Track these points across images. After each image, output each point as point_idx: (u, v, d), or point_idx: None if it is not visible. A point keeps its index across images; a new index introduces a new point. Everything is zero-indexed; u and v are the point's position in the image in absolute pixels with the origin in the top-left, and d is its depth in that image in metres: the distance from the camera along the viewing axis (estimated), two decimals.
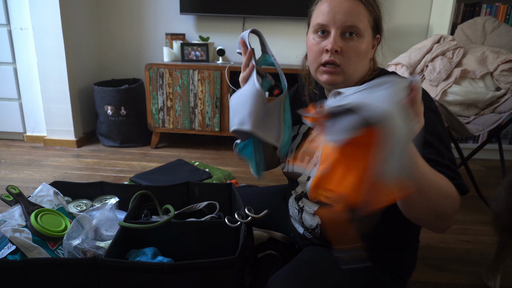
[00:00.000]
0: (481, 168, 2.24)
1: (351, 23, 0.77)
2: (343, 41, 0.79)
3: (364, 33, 0.80)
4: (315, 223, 0.91)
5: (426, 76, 1.62)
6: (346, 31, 0.79)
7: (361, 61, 0.82)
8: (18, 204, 0.99)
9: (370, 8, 0.80)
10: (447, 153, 0.74)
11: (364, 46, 0.80)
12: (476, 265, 1.23)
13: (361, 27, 0.78)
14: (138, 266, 0.77)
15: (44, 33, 2.21)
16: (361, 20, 0.78)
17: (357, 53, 0.79)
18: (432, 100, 0.81)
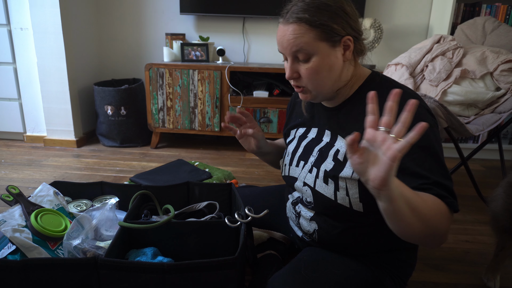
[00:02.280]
0: (481, 168, 2.24)
1: (296, 48, 0.77)
2: (299, 65, 0.79)
3: (315, 51, 0.76)
4: (312, 228, 0.91)
5: (426, 76, 1.62)
6: (297, 56, 0.78)
7: (325, 76, 0.78)
8: (18, 204, 0.99)
9: (314, 23, 0.75)
10: (440, 169, 0.72)
11: (322, 62, 0.77)
12: (476, 265, 1.23)
13: (309, 48, 0.76)
14: (138, 266, 0.77)
15: (44, 33, 2.21)
16: (306, 40, 0.75)
17: (314, 73, 0.78)
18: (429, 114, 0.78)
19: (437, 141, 0.75)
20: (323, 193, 0.84)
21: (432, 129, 0.74)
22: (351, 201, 0.81)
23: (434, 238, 0.68)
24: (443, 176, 0.71)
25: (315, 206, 0.88)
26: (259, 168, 2.11)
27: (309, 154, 0.89)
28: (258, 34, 2.55)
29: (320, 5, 0.75)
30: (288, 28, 0.77)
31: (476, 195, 1.72)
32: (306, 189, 0.89)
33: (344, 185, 0.80)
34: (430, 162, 0.72)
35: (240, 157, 2.31)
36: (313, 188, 0.86)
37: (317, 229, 0.90)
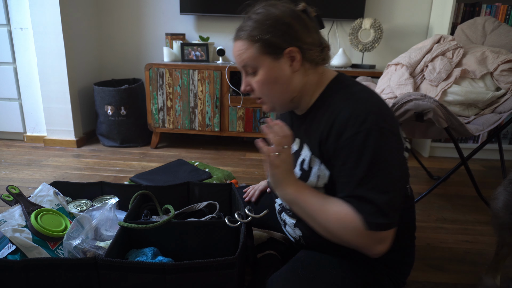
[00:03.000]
0: (481, 168, 2.24)
1: (242, 64, 0.82)
2: (250, 78, 0.83)
3: (259, 65, 0.79)
4: (297, 235, 0.92)
5: (426, 76, 1.62)
6: (246, 70, 0.83)
7: (273, 87, 0.81)
8: (18, 204, 0.99)
9: (253, 38, 0.78)
10: (373, 182, 0.69)
11: (267, 75, 0.80)
12: (476, 265, 1.23)
13: (252, 63, 0.80)
14: (138, 266, 0.77)
15: (44, 33, 2.21)
16: (249, 55, 0.79)
17: (262, 85, 0.81)
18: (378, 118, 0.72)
19: (378, 149, 0.70)
20: None
21: (375, 136, 0.70)
22: None
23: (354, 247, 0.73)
24: (374, 190, 0.69)
25: (292, 214, 0.91)
26: (259, 168, 2.11)
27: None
28: None
29: (259, 21, 0.78)
30: (235, 45, 0.83)
31: (476, 195, 1.72)
32: None
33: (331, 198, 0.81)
34: (361, 174, 0.70)
35: (240, 157, 2.31)
36: None
37: (302, 235, 0.91)
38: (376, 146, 0.70)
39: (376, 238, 0.70)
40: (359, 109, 0.72)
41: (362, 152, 0.70)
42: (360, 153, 0.70)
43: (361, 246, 0.72)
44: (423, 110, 1.32)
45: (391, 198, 0.69)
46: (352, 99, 0.75)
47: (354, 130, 0.71)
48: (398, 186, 0.72)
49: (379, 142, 0.70)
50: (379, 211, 0.69)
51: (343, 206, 0.72)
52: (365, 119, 0.71)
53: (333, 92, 0.80)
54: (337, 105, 0.76)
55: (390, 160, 0.71)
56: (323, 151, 0.78)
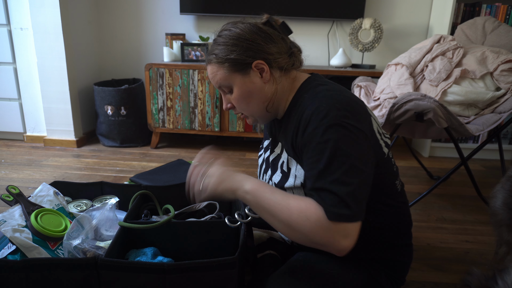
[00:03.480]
0: (481, 168, 2.24)
1: (217, 85, 0.86)
2: (229, 97, 0.87)
3: (231, 83, 0.83)
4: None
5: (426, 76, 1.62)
6: (223, 90, 0.87)
7: (250, 101, 0.85)
8: (18, 204, 0.99)
9: (220, 60, 0.82)
10: (333, 174, 0.69)
11: (241, 91, 0.83)
12: (476, 265, 1.23)
13: (225, 82, 0.84)
14: (138, 266, 0.77)
15: (44, 33, 2.21)
16: (219, 77, 0.83)
17: (240, 101, 0.85)
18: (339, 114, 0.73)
19: (342, 143, 0.71)
20: None
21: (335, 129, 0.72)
22: None
23: (316, 245, 0.71)
24: (335, 182, 0.69)
25: None
26: None
27: (268, 167, 0.94)
28: None
29: (223, 43, 0.82)
30: (208, 69, 0.87)
31: (476, 195, 1.72)
32: None
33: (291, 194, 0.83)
34: (322, 166, 0.71)
35: (240, 157, 2.31)
36: None
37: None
38: (336, 139, 0.71)
39: (339, 231, 0.68)
40: (322, 105, 0.74)
41: (323, 145, 0.71)
42: (321, 147, 0.72)
43: (324, 240, 0.69)
44: (423, 110, 1.32)
45: (353, 190, 0.69)
46: (317, 96, 0.78)
47: (315, 124, 0.73)
48: (362, 180, 0.71)
49: (339, 136, 0.71)
50: (341, 201, 0.68)
51: (305, 199, 0.71)
52: (327, 114, 0.73)
53: (302, 93, 0.83)
54: (304, 104, 0.79)
55: (351, 154, 0.71)
56: (296, 150, 0.81)
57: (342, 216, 0.67)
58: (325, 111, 0.73)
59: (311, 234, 0.69)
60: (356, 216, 0.69)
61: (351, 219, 0.68)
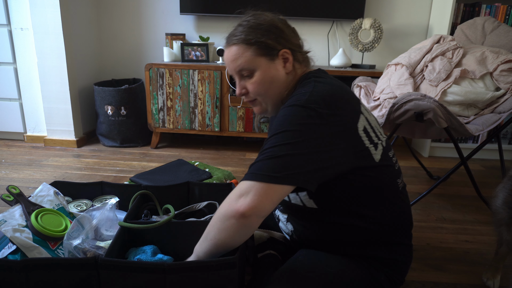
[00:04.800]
0: (481, 168, 2.24)
1: (238, 68, 0.85)
2: (245, 82, 0.86)
3: (255, 67, 0.84)
4: (289, 230, 0.95)
5: (426, 76, 1.63)
6: (241, 74, 0.86)
7: (269, 87, 0.85)
8: (18, 204, 1.00)
9: (249, 42, 0.83)
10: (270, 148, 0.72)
11: (264, 76, 0.84)
12: (475, 265, 1.23)
13: (249, 65, 0.84)
14: (138, 266, 0.78)
15: (44, 33, 2.21)
16: (245, 59, 0.83)
17: (260, 86, 0.85)
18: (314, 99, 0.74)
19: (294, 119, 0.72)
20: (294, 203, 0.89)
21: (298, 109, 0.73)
22: (302, 199, 0.85)
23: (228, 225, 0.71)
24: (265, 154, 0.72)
25: (283, 208, 0.94)
26: None
27: None
28: None
29: (253, 25, 0.84)
30: (230, 50, 0.86)
31: (476, 195, 1.72)
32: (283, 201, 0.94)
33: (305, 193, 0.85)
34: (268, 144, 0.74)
35: (240, 157, 2.31)
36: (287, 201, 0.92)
37: (293, 230, 0.94)
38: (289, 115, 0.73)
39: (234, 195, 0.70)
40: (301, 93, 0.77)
41: (278, 120, 0.74)
42: (276, 122, 0.75)
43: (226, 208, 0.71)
44: (423, 110, 1.32)
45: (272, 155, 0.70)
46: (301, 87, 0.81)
47: (284, 107, 0.77)
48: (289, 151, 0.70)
49: (294, 112, 0.73)
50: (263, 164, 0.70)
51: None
52: (298, 98, 0.75)
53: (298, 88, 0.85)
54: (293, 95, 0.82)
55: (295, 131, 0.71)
56: None
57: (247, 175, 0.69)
58: (298, 96, 0.76)
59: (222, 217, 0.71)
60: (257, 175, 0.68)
61: (250, 178, 0.68)
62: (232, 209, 0.69)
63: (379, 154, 0.82)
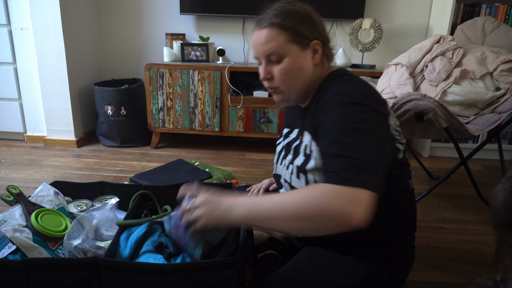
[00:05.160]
0: (481, 168, 2.24)
1: (268, 51, 0.83)
2: (272, 67, 0.85)
3: (287, 53, 0.82)
4: None
5: (426, 76, 1.63)
6: (270, 58, 0.84)
7: (296, 76, 0.84)
8: (18, 204, 1.00)
9: (285, 27, 0.81)
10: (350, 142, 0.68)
11: (293, 63, 0.83)
12: (475, 265, 1.23)
13: (280, 50, 0.82)
14: (138, 266, 0.78)
15: (44, 33, 2.21)
16: (278, 43, 0.82)
17: (287, 73, 0.83)
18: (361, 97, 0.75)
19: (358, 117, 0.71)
20: (296, 187, 0.88)
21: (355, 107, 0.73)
22: None
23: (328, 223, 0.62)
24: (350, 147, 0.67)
25: None
26: (259, 168, 2.11)
27: (288, 153, 0.93)
28: None
29: (289, 12, 0.83)
30: (261, 32, 0.84)
31: (476, 195, 1.72)
32: (286, 185, 0.93)
33: (313, 178, 0.83)
34: (337, 137, 0.70)
35: (240, 157, 2.31)
36: (289, 184, 0.90)
37: None
38: (357, 113, 0.72)
39: (348, 197, 0.61)
40: (346, 88, 0.77)
41: (341, 118, 0.72)
42: (339, 119, 0.72)
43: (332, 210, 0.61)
44: (423, 110, 1.32)
45: (370, 159, 0.66)
46: (343, 83, 0.80)
47: (336, 101, 0.75)
48: (380, 154, 0.69)
49: (360, 111, 0.73)
50: (355, 166, 0.64)
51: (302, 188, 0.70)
52: (349, 95, 0.75)
53: (330, 81, 0.85)
54: (328, 89, 0.82)
55: (371, 130, 0.70)
56: (317, 131, 0.82)
57: (352, 180, 0.62)
58: (348, 93, 0.76)
59: (318, 210, 0.62)
60: (368, 184, 0.63)
61: (361, 185, 0.62)
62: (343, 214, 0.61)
63: (402, 152, 0.85)
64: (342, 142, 0.69)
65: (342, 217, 0.61)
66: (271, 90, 0.89)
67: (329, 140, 0.72)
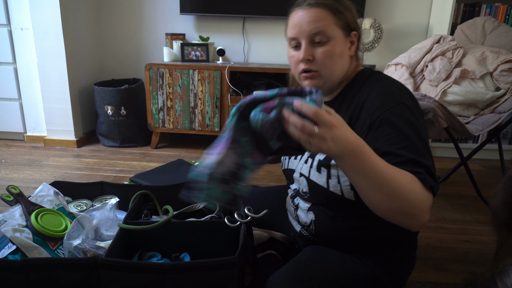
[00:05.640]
0: (481, 168, 2.24)
1: (316, 30, 0.81)
2: (314, 48, 0.83)
3: (333, 36, 0.82)
4: (309, 219, 0.93)
5: (426, 76, 1.63)
6: (314, 39, 0.82)
7: (337, 62, 0.84)
8: (18, 204, 1.00)
9: (335, 10, 0.82)
10: (416, 148, 0.72)
11: (337, 48, 0.82)
12: (475, 265, 1.23)
13: (328, 31, 0.81)
14: (138, 266, 0.78)
15: (44, 33, 2.21)
16: (327, 24, 0.81)
17: (329, 56, 0.82)
18: (410, 98, 0.80)
19: (417, 121, 0.75)
20: (316, 181, 0.87)
21: (411, 110, 0.76)
22: (342, 189, 0.83)
23: (406, 216, 0.67)
24: (420, 155, 0.71)
25: (310, 196, 0.91)
26: None
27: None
28: (258, 34, 2.55)
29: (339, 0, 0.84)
30: (310, 11, 0.82)
31: (476, 195, 1.72)
32: (302, 180, 0.92)
33: (336, 173, 0.83)
34: (405, 141, 0.72)
35: None
36: (307, 178, 0.89)
37: (314, 220, 0.91)
38: (411, 117, 0.75)
39: (429, 202, 0.68)
40: (393, 89, 0.79)
41: (403, 123, 0.74)
42: (400, 124, 0.74)
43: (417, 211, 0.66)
44: (423, 110, 1.33)
45: (433, 165, 0.72)
46: (384, 81, 0.81)
47: (391, 104, 0.76)
48: (432, 157, 0.75)
49: (413, 115, 0.75)
50: (431, 174, 0.70)
51: (404, 171, 0.68)
52: (400, 95, 0.77)
53: (360, 81, 0.86)
54: (366, 88, 0.82)
55: (423, 133, 0.75)
56: (354, 130, 0.78)
57: (433, 188, 0.69)
58: (397, 94, 0.77)
59: (412, 205, 0.66)
60: (437, 190, 0.71)
61: (436, 192, 0.70)
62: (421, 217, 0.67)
63: None
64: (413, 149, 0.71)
65: (418, 219, 0.67)
66: (307, 74, 0.84)
67: (397, 145, 0.72)
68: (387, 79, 0.84)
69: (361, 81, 0.86)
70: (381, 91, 0.79)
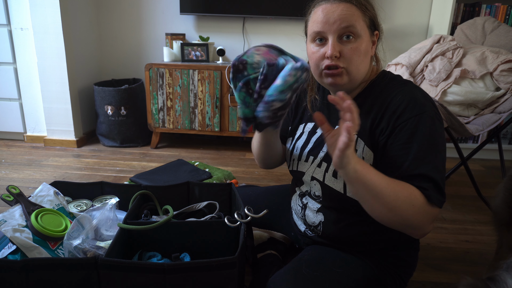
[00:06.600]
0: (481, 168, 2.24)
1: (347, 24, 0.78)
2: (342, 45, 0.80)
3: (361, 33, 0.80)
4: (318, 220, 0.92)
5: (426, 76, 1.63)
6: (343, 34, 0.80)
7: (363, 60, 0.82)
8: (18, 204, 1.00)
9: (363, 7, 0.81)
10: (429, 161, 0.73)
11: (364, 45, 0.81)
12: (476, 265, 1.23)
13: (357, 28, 0.79)
14: (138, 266, 0.77)
15: (44, 33, 2.21)
16: (356, 20, 0.79)
17: (357, 53, 0.80)
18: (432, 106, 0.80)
19: (436, 133, 0.76)
20: (332, 186, 0.86)
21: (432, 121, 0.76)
22: None
23: (408, 228, 0.72)
24: (431, 168, 0.73)
25: (323, 199, 0.90)
26: (259, 168, 2.11)
27: (319, 149, 0.90)
28: (258, 34, 2.55)
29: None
30: (339, 5, 0.79)
31: (476, 195, 1.72)
32: (314, 183, 0.90)
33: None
34: (418, 154, 0.74)
35: (240, 157, 2.31)
36: (322, 182, 0.88)
37: (323, 221, 0.91)
38: (434, 130, 0.75)
39: (432, 215, 0.72)
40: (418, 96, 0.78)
41: (422, 133, 0.74)
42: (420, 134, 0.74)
43: (419, 224, 0.72)
44: None
45: (443, 177, 0.74)
46: (408, 86, 0.81)
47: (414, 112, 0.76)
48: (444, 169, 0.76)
49: (435, 128, 0.76)
50: (439, 188, 0.72)
51: (407, 185, 0.72)
52: (424, 104, 0.77)
53: (381, 83, 0.85)
54: (390, 92, 0.81)
55: (443, 146, 0.76)
56: (374, 133, 0.80)
57: (439, 201, 0.72)
58: (422, 102, 0.77)
59: (412, 219, 0.70)
60: (443, 203, 0.73)
61: (441, 205, 0.73)
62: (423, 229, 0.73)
63: None
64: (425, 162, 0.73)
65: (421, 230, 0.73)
66: (331, 71, 0.81)
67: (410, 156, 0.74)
68: (410, 83, 0.83)
69: (382, 83, 0.85)
70: (406, 97, 0.78)
